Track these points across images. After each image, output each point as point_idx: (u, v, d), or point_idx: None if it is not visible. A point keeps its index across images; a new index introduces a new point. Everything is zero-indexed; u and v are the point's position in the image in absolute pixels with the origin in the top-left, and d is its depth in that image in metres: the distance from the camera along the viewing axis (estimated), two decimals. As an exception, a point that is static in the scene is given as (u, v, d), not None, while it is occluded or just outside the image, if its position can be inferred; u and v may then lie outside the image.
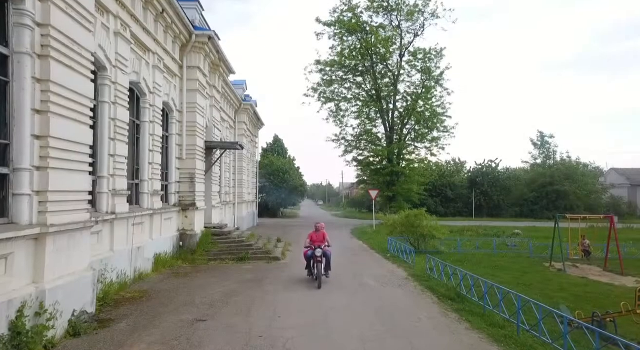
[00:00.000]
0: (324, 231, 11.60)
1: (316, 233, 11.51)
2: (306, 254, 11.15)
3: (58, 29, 6.47)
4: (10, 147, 5.93)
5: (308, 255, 11.08)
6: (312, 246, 11.09)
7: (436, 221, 19.26)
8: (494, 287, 8.83)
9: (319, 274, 10.59)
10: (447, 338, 7.21)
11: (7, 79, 5.89)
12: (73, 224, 6.85)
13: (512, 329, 7.63)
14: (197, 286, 10.47)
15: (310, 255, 10.98)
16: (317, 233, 11.49)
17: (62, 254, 6.61)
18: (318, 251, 10.82)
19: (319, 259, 10.75)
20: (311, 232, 11.64)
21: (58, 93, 6.48)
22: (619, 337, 5.95)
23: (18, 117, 5.96)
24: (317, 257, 10.75)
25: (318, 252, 10.81)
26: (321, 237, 11.39)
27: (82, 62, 7.14)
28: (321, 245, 11.10)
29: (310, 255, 10.98)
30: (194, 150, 15.15)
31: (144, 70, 11.61)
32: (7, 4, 5.87)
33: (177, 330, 7.09)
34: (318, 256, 10.76)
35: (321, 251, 10.88)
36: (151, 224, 12.13)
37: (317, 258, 10.75)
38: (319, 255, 10.78)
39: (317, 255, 10.78)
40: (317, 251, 10.82)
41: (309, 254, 11.05)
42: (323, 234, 11.47)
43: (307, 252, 11.11)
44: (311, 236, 11.49)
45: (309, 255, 11.03)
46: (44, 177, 6.26)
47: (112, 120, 9.58)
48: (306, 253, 11.16)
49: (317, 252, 10.80)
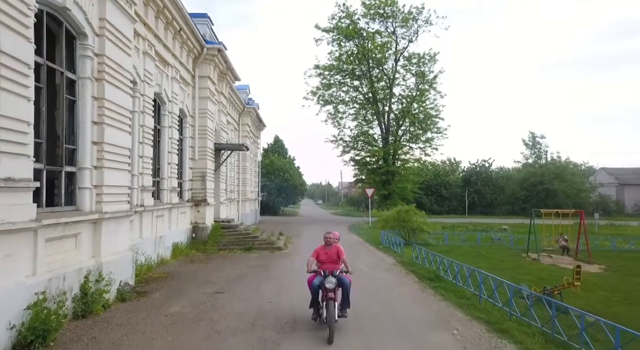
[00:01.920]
0: (339, 246, 7.30)
1: (326, 249, 7.21)
2: (311, 283, 6.93)
3: (109, 57, 8.15)
4: (77, 151, 7.61)
5: (314, 285, 6.88)
6: (320, 271, 6.96)
7: (424, 216, 20.91)
8: (464, 268, 10.53)
9: (331, 320, 6.38)
10: (421, 305, 8.91)
11: (75, 99, 7.58)
12: (119, 213, 8.55)
13: (476, 300, 9.31)
14: (212, 269, 12.16)
15: (318, 286, 6.85)
16: (328, 249, 7.20)
17: (112, 236, 8.30)
18: (330, 281, 6.69)
19: (331, 294, 6.59)
20: (318, 248, 7.31)
21: (109, 108, 8.16)
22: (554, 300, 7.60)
23: (82, 128, 7.65)
24: (329, 290, 6.63)
25: (330, 283, 6.67)
26: (334, 255, 7.14)
27: (124, 81, 8.83)
28: (335, 269, 6.95)
29: (318, 286, 6.85)
30: (205, 152, 16.84)
31: (164, 83, 13.30)
32: (75, 41, 7.56)
33: (202, 299, 8.78)
34: (330, 290, 6.63)
35: (335, 281, 6.72)
36: (170, 216, 13.82)
37: (329, 293, 6.60)
38: (331, 288, 6.65)
39: (329, 287, 6.65)
40: (329, 281, 6.69)
41: (315, 285, 6.88)
42: (337, 250, 7.18)
43: (313, 281, 6.93)
44: (318, 253, 7.22)
45: (316, 287, 6.87)
46: (100, 174, 7.96)
47: (141, 126, 11.26)
48: (311, 281, 6.95)
49: (329, 283, 6.67)
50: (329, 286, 6.68)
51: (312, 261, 7.20)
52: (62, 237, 6.88)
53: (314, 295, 6.96)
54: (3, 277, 5.34)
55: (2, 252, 5.34)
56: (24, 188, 5.74)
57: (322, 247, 7.33)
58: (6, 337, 5.43)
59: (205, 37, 16.89)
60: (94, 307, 7.30)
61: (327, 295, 6.63)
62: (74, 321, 6.88)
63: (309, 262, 7.20)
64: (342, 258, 7.16)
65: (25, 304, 5.71)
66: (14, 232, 5.53)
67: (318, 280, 6.92)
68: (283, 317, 7.55)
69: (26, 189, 5.79)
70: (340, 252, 7.22)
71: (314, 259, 7.21)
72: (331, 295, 6.60)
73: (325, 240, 7.34)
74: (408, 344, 6.49)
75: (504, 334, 7.01)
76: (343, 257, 7.18)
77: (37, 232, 6.08)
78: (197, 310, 7.91)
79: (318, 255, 7.25)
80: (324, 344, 6.32)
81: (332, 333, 6.34)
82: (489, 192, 51.32)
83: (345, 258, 7.20)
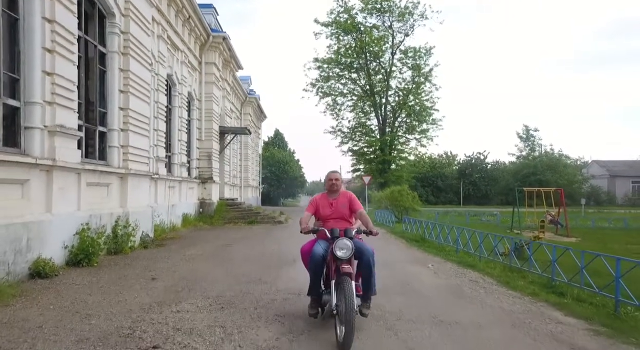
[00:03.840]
0: (352, 194, 4.83)
1: (330, 198, 4.70)
2: (309, 254, 4.35)
3: (133, 35, 9.39)
4: (107, 114, 8.86)
5: (315, 256, 4.26)
6: (324, 231, 4.38)
7: (416, 197, 22.21)
8: (445, 228, 11.81)
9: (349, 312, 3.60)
10: (405, 253, 10.23)
11: (105, 69, 8.82)
12: (141, 171, 9.80)
13: (453, 251, 10.57)
14: (220, 233, 13.45)
15: (322, 256, 4.27)
16: (333, 198, 4.69)
17: (135, 191, 9.55)
18: (343, 246, 4.04)
19: (346, 266, 3.97)
20: (317, 197, 4.85)
21: (132, 79, 9.40)
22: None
23: (111, 95, 8.89)
24: (342, 260, 4.00)
25: (344, 249, 4.03)
26: (344, 207, 4.64)
27: (144, 57, 10.07)
28: (347, 227, 4.41)
29: (322, 256, 4.27)
30: (211, 133, 18.09)
31: (175, 65, 14.53)
32: (105, 20, 8.80)
33: (214, 248, 10.06)
34: (344, 259, 4.01)
35: (350, 246, 4.05)
36: (180, 189, 15.07)
37: (343, 265, 3.97)
38: (346, 257, 4.01)
39: (341, 256, 4.00)
40: (342, 245, 4.04)
41: (316, 255, 4.26)
42: (350, 200, 4.68)
43: (313, 249, 4.33)
44: (317, 205, 4.71)
45: (318, 258, 4.26)
46: (126, 136, 9.21)
47: (156, 103, 12.49)
48: (308, 251, 4.42)
49: (342, 249, 4.03)
50: (341, 254, 3.99)
51: (309, 216, 4.60)
52: (97, 184, 8.14)
53: (315, 273, 4.28)
54: (59, 205, 6.60)
55: (58, 184, 6.60)
56: (72, 135, 6.99)
57: (322, 196, 4.77)
58: (62, 254, 6.70)
59: (211, 26, 18.10)
60: (123, 247, 8.55)
61: (341, 268, 3.94)
62: (108, 256, 8.14)
63: (303, 218, 4.52)
64: (358, 212, 4.61)
65: (75, 230, 6.98)
66: (66, 170, 6.79)
67: (321, 247, 4.31)
68: (284, 257, 8.82)
69: (74, 136, 7.05)
70: (354, 203, 4.65)
71: (311, 213, 4.66)
72: (347, 268, 3.93)
73: (329, 185, 4.70)
74: (392, 271, 7.74)
75: (470, 267, 8.29)
76: (360, 211, 4.63)
77: (80, 175, 7.34)
78: (210, 253, 9.19)
79: (317, 208, 4.68)
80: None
81: (349, 334, 3.59)
82: (483, 184, 52.58)
83: (363, 212, 4.67)
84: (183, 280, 6.39)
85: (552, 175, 47.27)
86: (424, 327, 4.43)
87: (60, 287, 5.66)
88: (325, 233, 4.32)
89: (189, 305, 4.99)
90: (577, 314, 5.17)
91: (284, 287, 5.96)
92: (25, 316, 4.39)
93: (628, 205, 46.18)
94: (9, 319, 4.28)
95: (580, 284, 6.08)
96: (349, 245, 4.02)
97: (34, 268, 5.96)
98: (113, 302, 5.03)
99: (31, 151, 6.18)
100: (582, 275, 6.08)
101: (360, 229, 4.39)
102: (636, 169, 52.95)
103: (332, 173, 4.82)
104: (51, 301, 4.98)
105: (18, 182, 5.92)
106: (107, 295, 5.36)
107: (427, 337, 4.15)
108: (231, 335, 4.02)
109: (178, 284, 6.09)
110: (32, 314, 4.49)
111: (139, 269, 7.20)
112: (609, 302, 5.50)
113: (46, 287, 5.61)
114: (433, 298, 5.79)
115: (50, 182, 6.47)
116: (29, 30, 6.19)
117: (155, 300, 5.19)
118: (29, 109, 6.22)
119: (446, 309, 5.17)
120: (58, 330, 4.01)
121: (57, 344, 3.69)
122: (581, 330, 4.56)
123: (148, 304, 4.99)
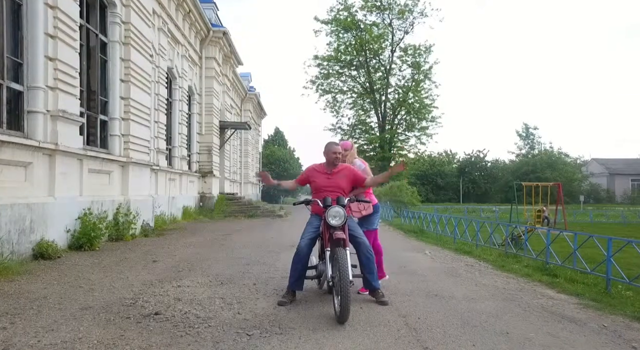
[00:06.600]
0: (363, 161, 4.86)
1: (328, 170, 4.40)
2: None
3: (134, 25, 9.50)
4: (108, 103, 8.97)
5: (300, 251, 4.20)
6: (316, 201, 4.26)
7: (415, 192, 22.33)
8: (443, 219, 11.91)
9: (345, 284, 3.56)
10: (403, 242, 10.34)
11: (107, 58, 8.94)
12: (142, 160, 9.91)
13: (451, 241, 10.69)
14: (221, 225, 13.57)
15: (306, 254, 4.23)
16: (331, 170, 4.38)
17: (136, 180, 9.67)
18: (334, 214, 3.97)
19: (340, 233, 3.90)
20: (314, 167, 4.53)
21: (133, 69, 9.52)
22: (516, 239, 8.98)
23: (112, 84, 9.01)
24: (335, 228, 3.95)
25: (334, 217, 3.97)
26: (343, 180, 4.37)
27: (145, 48, 10.19)
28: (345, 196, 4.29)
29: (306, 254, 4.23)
30: (211, 127, 18.20)
31: (176, 59, 14.64)
32: (106, 10, 8.92)
33: (214, 237, 10.17)
34: (336, 227, 3.95)
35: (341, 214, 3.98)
36: (180, 182, 15.18)
37: (336, 232, 3.90)
38: (338, 225, 3.95)
39: (334, 224, 3.94)
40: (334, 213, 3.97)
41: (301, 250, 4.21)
42: (353, 175, 4.43)
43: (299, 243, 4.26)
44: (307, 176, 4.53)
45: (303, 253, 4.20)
46: (127, 125, 9.32)
47: (157, 95, 12.60)
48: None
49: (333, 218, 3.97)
50: (334, 222, 3.92)
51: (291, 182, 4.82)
52: (99, 171, 8.25)
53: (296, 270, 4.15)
54: (62, 189, 6.71)
55: (60, 169, 6.71)
56: (74, 121, 7.11)
57: (320, 165, 4.43)
58: (65, 238, 6.82)
59: (211, 21, 18.22)
60: (124, 234, 8.65)
61: (334, 234, 3.86)
62: (109, 242, 8.25)
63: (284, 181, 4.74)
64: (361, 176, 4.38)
65: (77, 215, 7.09)
66: (69, 155, 6.91)
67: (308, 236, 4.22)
68: (283, 243, 8.93)
69: (75, 122, 7.16)
70: (358, 178, 4.37)
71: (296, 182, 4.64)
72: (339, 234, 3.85)
73: (328, 157, 4.33)
74: (388, 256, 7.80)
75: (466, 254, 8.41)
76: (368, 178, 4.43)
77: (82, 161, 7.46)
78: (211, 241, 9.31)
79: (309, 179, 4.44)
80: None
81: (346, 305, 3.50)
82: (483, 182, 52.71)
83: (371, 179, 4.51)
84: (184, 262, 6.51)
85: (551, 173, 47.37)
86: (418, 300, 4.55)
87: (63, 267, 5.78)
88: (318, 203, 4.19)
89: (189, 282, 5.11)
90: (568, 291, 5.29)
91: (283, 267, 6.07)
92: (30, 289, 4.51)
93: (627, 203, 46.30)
94: (14, 291, 4.40)
95: (573, 265, 6.21)
96: (341, 213, 3.96)
97: (37, 249, 6.08)
98: (115, 279, 5.15)
99: (34, 135, 6.30)
100: (574, 256, 6.22)
101: (353, 198, 4.34)
102: (635, 168, 53.09)
103: (335, 145, 4.37)
104: (55, 278, 5.10)
105: (22, 164, 6.03)
106: (110, 273, 5.47)
107: (420, 307, 4.27)
108: (230, 305, 4.14)
109: (179, 265, 6.21)
110: (37, 287, 4.61)
111: (140, 253, 7.31)
112: (601, 282, 5.63)
113: (49, 267, 5.72)
114: (428, 277, 5.91)
115: (52, 166, 6.58)
116: (32, 15, 6.30)
117: (156, 277, 5.31)
118: (32, 94, 6.34)
119: (441, 286, 5.29)
120: (62, 301, 4.13)
121: (61, 311, 3.81)
122: (571, 304, 4.68)
123: (150, 281, 5.11)
